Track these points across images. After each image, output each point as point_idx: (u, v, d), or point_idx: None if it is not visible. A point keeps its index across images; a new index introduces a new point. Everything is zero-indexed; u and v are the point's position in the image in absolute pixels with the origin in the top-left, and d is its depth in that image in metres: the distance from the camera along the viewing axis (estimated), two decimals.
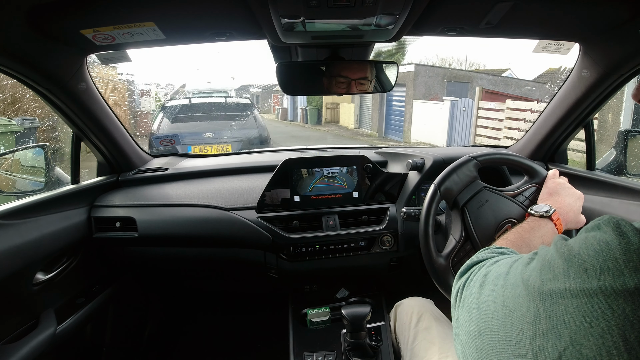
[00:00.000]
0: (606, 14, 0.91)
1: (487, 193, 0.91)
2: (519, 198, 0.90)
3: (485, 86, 9.98)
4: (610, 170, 1.36)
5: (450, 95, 9.87)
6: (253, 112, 5.35)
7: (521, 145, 1.48)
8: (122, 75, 9.11)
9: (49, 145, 1.34)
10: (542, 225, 0.72)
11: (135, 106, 9.99)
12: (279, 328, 1.43)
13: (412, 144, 9.75)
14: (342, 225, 1.26)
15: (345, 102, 14.55)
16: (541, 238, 0.69)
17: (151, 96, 11.15)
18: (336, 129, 14.12)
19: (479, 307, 0.43)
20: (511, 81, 11.44)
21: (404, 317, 1.10)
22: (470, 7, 0.88)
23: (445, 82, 11.07)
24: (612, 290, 0.30)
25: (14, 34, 0.82)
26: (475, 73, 11.82)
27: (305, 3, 0.73)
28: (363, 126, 13.57)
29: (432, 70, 11.30)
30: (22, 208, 0.99)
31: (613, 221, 0.34)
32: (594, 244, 0.33)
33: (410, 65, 11.20)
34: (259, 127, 5.19)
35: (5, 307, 0.96)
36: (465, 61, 17.20)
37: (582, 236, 0.36)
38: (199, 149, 4.69)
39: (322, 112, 15.61)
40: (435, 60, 18.18)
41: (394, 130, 11.91)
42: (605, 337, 0.29)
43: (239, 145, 4.84)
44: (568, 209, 0.79)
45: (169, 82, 20.64)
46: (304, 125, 15.48)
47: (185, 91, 13.21)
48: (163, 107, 5.50)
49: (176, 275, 1.57)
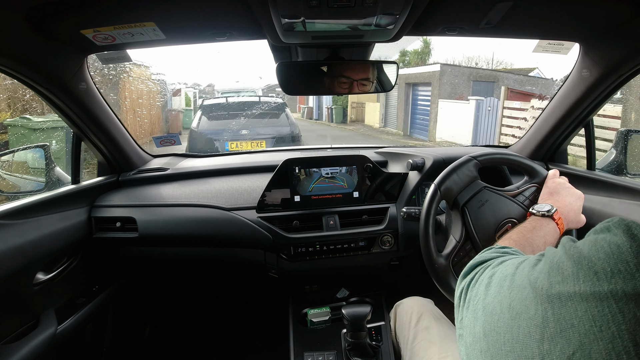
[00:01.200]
0: (606, 14, 0.91)
1: (487, 193, 0.91)
2: (519, 198, 0.90)
3: (512, 86, 9.89)
4: (610, 170, 1.36)
5: (476, 95, 9.86)
6: (285, 111, 5.60)
7: (521, 145, 1.48)
8: (156, 75, 9.46)
9: (49, 145, 1.34)
10: (544, 224, 0.72)
11: (167, 105, 10.38)
12: (279, 328, 1.43)
13: (437, 142, 9.90)
14: (342, 225, 1.26)
15: (371, 102, 14.57)
16: (543, 237, 0.69)
17: (181, 95, 11.59)
18: (361, 128, 14.11)
19: (485, 309, 0.42)
20: (538, 81, 11.29)
21: (403, 317, 1.10)
22: (470, 7, 0.88)
23: (471, 81, 11.05)
24: (623, 293, 0.29)
25: (14, 34, 0.82)
26: (501, 72, 11.68)
27: (306, 3, 0.73)
28: (388, 125, 13.58)
29: (457, 70, 11.30)
30: (22, 208, 0.99)
31: (624, 223, 0.34)
32: (604, 247, 0.33)
33: (436, 64, 11.22)
34: (291, 124, 5.41)
35: (6, 307, 0.96)
36: (492, 60, 17.03)
37: (591, 238, 0.35)
38: (235, 144, 4.95)
39: (347, 111, 15.64)
40: (462, 59, 17.97)
41: (419, 129, 11.92)
42: (616, 342, 0.29)
43: (272, 142, 5.11)
44: (569, 209, 0.79)
45: (195, 81, 20.89)
46: (329, 124, 15.51)
47: (215, 90, 13.96)
48: (201, 106, 5.83)
49: (176, 276, 1.57)
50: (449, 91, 10.86)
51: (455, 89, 10.89)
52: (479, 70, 12.15)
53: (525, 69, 11.95)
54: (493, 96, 9.44)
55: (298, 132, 5.38)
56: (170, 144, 1.51)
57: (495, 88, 10.61)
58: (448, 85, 10.90)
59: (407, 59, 16.60)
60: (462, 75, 11.10)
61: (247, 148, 4.82)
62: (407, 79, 12.43)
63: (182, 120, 10.35)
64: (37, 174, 1.38)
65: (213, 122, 5.35)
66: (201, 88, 14.40)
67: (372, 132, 13.24)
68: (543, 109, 1.36)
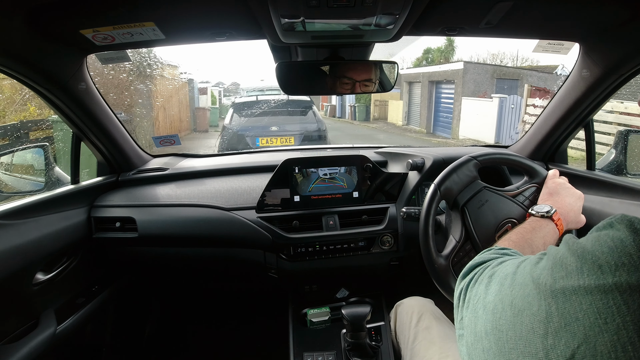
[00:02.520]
0: (606, 14, 0.91)
1: (487, 193, 0.91)
2: (519, 198, 0.90)
3: (536, 83, 9.85)
4: (610, 171, 1.36)
5: (500, 93, 9.88)
6: (312, 108, 5.82)
7: (521, 145, 1.48)
8: (184, 74, 10.02)
9: (48, 145, 1.34)
10: (543, 225, 0.72)
11: (195, 103, 10.93)
12: (278, 328, 1.43)
13: (460, 140, 9.92)
14: (342, 225, 1.26)
15: (394, 99, 14.64)
16: (543, 238, 0.69)
17: (207, 94, 12.10)
18: (384, 126, 14.18)
19: (485, 308, 0.42)
20: (562, 78, 11.27)
21: (404, 317, 1.10)
22: (470, 7, 0.88)
23: (495, 79, 11.07)
24: (628, 285, 0.30)
25: (13, 34, 0.82)
26: (525, 70, 11.62)
27: (305, 3, 0.73)
28: (411, 123, 13.63)
29: (481, 68, 11.33)
30: (22, 208, 0.99)
31: (626, 219, 0.34)
32: (607, 242, 0.33)
33: (460, 62, 11.25)
34: (318, 121, 5.65)
35: (5, 307, 0.96)
36: (517, 57, 16.92)
37: (594, 235, 0.36)
38: (266, 140, 5.22)
39: (370, 109, 15.69)
40: (486, 56, 17.72)
41: (442, 127, 11.95)
42: (621, 333, 0.29)
43: (301, 138, 5.35)
44: (569, 209, 0.79)
45: (218, 79, 21.16)
46: (352, 122, 15.58)
47: (240, 89, 14.39)
48: (233, 104, 6.17)
49: (176, 276, 1.57)
50: (472, 89, 10.88)
51: (478, 87, 10.90)
52: (502, 68, 12.13)
53: (550, 66, 11.83)
54: (517, 94, 9.45)
55: (325, 128, 5.61)
56: (170, 144, 1.51)
57: (519, 86, 10.58)
58: (471, 83, 10.92)
59: (430, 57, 16.58)
60: (486, 73, 11.13)
61: (276, 144, 5.17)
62: (430, 76, 12.47)
63: (209, 118, 10.81)
64: (36, 174, 1.38)
65: (244, 119, 5.60)
66: (225, 86, 14.82)
67: (395, 129, 13.29)
68: (544, 108, 1.36)
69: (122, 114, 5.45)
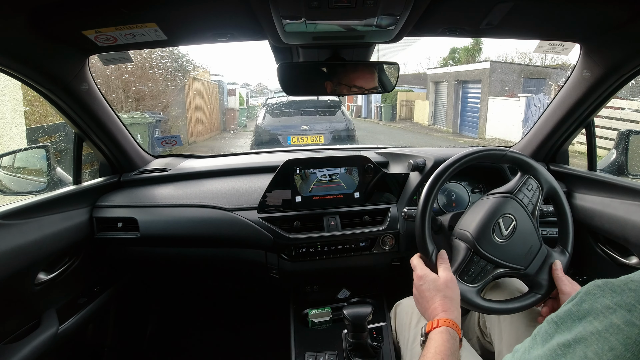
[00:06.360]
0: (606, 15, 0.91)
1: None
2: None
3: (563, 82, 9.81)
4: (611, 171, 1.36)
5: (527, 92, 9.80)
6: (341, 108, 6.03)
7: (522, 145, 1.47)
8: (214, 76, 10.62)
9: (50, 146, 1.34)
10: (444, 342, 0.67)
11: (224, 104, 11.55)
12: (280, 329, 1.43)
13: (487, 140, 9.86)
14: (343, 225, 1.26)
15: (420, 99, 14.58)
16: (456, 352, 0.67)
17: (235, 95, 12.62)
18: (410, 126, 14.14)
19: None
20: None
21: (403, 317, 1.10)
22: (471, 8, 0.89)
23: (522, 78, 10.95)
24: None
25: (16, 35, 0.83)
26: (552, 69, 11.45)
27: (307, 4, 0.73)
28: (438, 123, 13.56)
29: (508, 67, 11.23)
30: (24, 208, 0.99)
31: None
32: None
33: (486, 62, 11.20)
34: (346, 120, 5.87)
35: (7, 307, 0.96)
36: (545, 56, 16.80)
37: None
38: (297, 138, 5.41)
39: (396, 108, 15.65)
40: (515, 54, 17.45)
41: (468, 126, 11.90)
42: None
43: (330, 137, 5.53)
44: (425, 307, 0.78)
45: (244, 80, 21.39)
46: (378, 122, 15.56)
47: (267, 90, 14.79)
48: (265, 104, 6.42)
49: (177, 276, 1.58)
50: (499, 88, 10.80)
51: (505, 86, 10.82)
52: (530, 67, 11.97)
53: None
54: (543, 93, 9.39)
55: (353, 127, 5.78)
56: (172, 144, 1.51)
57: (547, 85, 10.49)
58: (498, 83, 10.85)
59: (456, 56, 16.43)
60: (513, 72, 11.02)
61: (307, 142, 5.39)
62: (457, 76, 12.41)
63: (238, 118, 11.39)
64: (38, 174, 1.38)
65: (276, 118, 5.84)
66: (252, 87, 15.04)
67: (422, 129, 13.25)
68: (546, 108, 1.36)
69: (161, 113, 5.82)
